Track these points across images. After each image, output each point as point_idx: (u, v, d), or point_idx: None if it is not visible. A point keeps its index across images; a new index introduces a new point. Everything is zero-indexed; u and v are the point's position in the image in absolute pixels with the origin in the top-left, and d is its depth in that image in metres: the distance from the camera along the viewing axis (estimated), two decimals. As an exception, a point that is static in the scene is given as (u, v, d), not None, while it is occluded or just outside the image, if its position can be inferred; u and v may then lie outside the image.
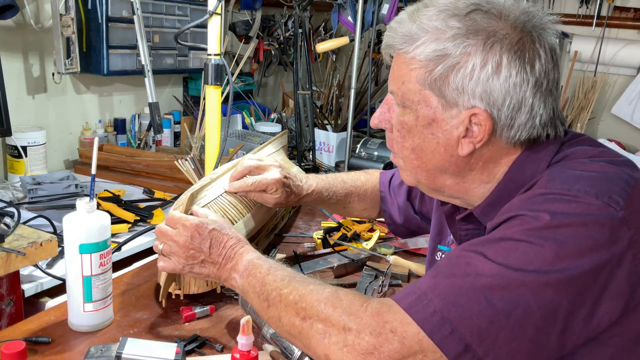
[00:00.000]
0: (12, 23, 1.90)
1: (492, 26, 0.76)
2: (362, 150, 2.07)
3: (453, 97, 0.78)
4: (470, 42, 0.76)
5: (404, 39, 0.81)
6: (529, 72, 0.76)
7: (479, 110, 0.77)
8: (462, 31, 0.76)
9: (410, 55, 0.80)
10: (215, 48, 1.52)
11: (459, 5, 0.78)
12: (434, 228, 1.13)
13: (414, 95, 0.81)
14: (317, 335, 0.75)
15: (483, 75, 0.76)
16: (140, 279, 1.22)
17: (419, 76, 0.79)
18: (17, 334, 0.97)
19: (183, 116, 2.50)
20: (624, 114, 2.81)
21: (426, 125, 0.82)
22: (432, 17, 0.79)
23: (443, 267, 0.74)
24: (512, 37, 0.76)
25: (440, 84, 0.78)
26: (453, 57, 0.77)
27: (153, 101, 2.03)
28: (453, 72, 0.77)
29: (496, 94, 0.76)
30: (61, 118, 2.14)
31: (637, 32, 2.79)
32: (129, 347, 0.88)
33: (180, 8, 2.29)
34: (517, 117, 0.78)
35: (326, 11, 2.99)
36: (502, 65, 0.76)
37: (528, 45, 0.76)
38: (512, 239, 0.70)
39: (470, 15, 0.77)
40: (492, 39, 0.76)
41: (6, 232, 1.21)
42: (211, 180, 1.24)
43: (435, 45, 0.77)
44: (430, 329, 0.68)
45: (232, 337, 1.02)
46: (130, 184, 1.96)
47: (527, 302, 0.67)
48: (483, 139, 0.79)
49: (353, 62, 2.08)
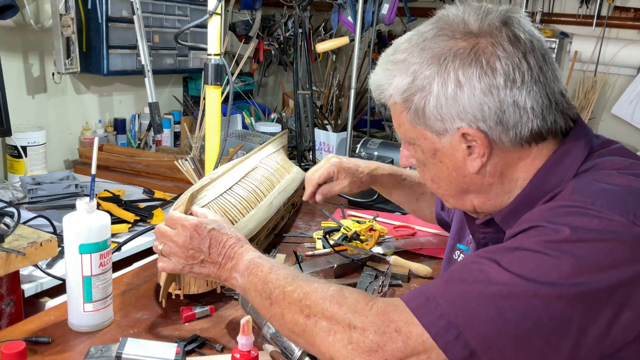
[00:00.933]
0: (12, 23, 1.90)
1: (440, 47, 0.77)
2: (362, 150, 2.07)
3: (438, 126, 0.79)
4: (428, 72, 0.77)
5: (379, 89, 0.84)
6: (491, 75, 0.75)
7: (466, 129, 0.78)
8: (420, 64, 0.78)
9: (391, 101, 0.83)
10: (215, 48, 1.52)
11: (414, 39, 0.81)
12: (455, 226, 1.14)
13: (412, 134, 0.84)
14: (321, 332, 0.75)
15: (450, 96, 0.76)
16: (140, 279, 1.22)
17: (407, 117, 0.82)
18: (17, 334, 0.97)
19: (183, 116, 2.50)
20: (624, 114, 2.81)
21: (433, 156, 0.84)
22: (395, 60, 0.82)
23: (455, 272, 0.74)
24: (463, 49, 0.76)
25: (423, 118, 0.80)
26: (419, 90, 0.78)
27: (153, 101, 2.03)
28: (425, 103, 0.78)
29: (470, 109, 0.76)
30: (61, 118, 2.14)
31: (637, 32, 2.79)
32: (129, 347, 0.87)
33: (180, 8, 2.29)
34: (506, 120, 0.76)
35: (326, 11, 2.99)
36: (460, 81, 0.76)
37: (483, 50, 0.75)
38: (529, 249, 0.69)
39: (423, 44, 0.79)
40: (444, 60, 0.76)
41: (6, 232, 1.21)
42: (211, 180, 1.24)
43: (403, 84, 0.80)
44: (436, 332, 0.68)
45: (232, 337, 1.02)
46: (130, 184, 1.96)
47: (538, 313, 0.66)
48: (485, 152, 0.79)
49: (353, 62, 2.08)
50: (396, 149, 2.01)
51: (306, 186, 1.31)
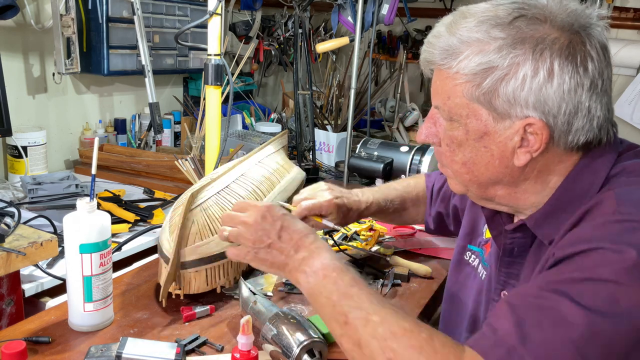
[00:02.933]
0: (12, 23, 1.90)
1: (538, 32, 0.73)
2: (362, 150, 2.07)
3: (504, 109, 0.75)
4: (518, 52, 0.73)
5: (445, 53, 0.78)
6: (582, 74, 0.73)
7: (534, 120, 0.74)
8: (508, 41, 0.73)
9: (454, 70, 0.77)
10: (215, 48, 1.52)
11: (500, 13, 0.75)
12: (466, 227, 1.10)
13: (461, 110, 0.78)
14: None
15: (535, 84, 0.73)
16: (140, 279, 1.22)
17: (466, 90, 0.77)
18: (18, 334, 0.97)
19: (183, 116, 2.50)
20: (624, 114, 2.81)
21: (478, 139, 0.79)
22: (472, 28, 0.76)
23: (523, 310, 0.68)
24: (561, 40, 0.73)
25: (490, 97, 0.75)
26: (501, 69, 0.74)
27: (153, 101, 2.03)
28: (502, 83, 0.74)
29: (551, 102, 0.73)
30: (61, 118, 2.14)
31: (637, 32, 2.79)
32: (129, 346, 0.88)
33: (180, 8, 2.29)
34: (575, 122, 0.75)
35: (326, 11, 2.99)
36: (554, 72, 0.73)
37: (579, 47, 0.73)
38: (599, 280, 0.65)
39: (514, 23, 0.74)
40: (541, 46, 0.73)
41: (6, 232, 1.21)
42: (211, 180, 1.24)
43: (480, 58, 0.74)
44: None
45: (232, 336, 1.02)
46: (130, 184, 1.97)
47: (620, 350, 0.63)
48: (540, 148, 0.76)
49: (353, 62, 2.08)
50: (396, 149, 2.01)
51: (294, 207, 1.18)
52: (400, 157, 1.97)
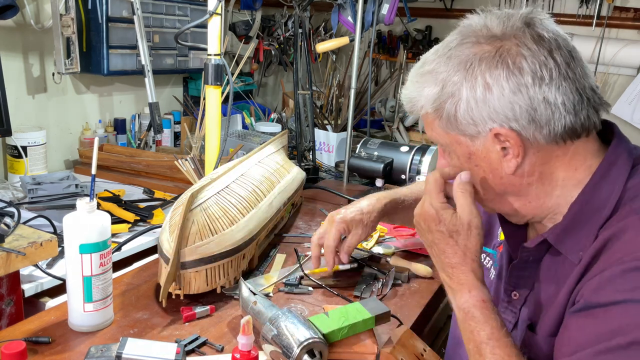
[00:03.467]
0: (12, 23, 1.90)
1: (466, 53, 0.79)
2: (362, 150, 2.07)
3: (472, 129, 0.80)
4: (455, 78, 0.79)
5: (411, 102, 0.86)
6: (518, 74, 0.76)
7: (499, 129, 0.78)
8: (447, 72, 0.80)
9: (423, 111, 0.85)
10: (215, 48, 1.52)
11: (440, 51, 0.83)
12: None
13: (445, 140, 0.85)
14: None
15: (479, 99, 0.78)
16: (140, 279, 1.22)
17: (438, 124, 0.84)
18: (17, 334, 0.97)
19: (183, 116, 2.50)
20: (624, 114, 2.81)
21: (468, 160, 0.85)
22: (424, 72, 0.84)
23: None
24: (489, 52, 0.78)
25: (455, 123, 0.81)
26: (449, 96, 0.80)
27: (153, 101, 2.03)
28: (457, 109, 0.80)
29: (501, 110, 0.77)
30: (61, 118, 2.14)
31: (637, 32, 2.79)
32: (129, 347, 0.88)
33: (180, 8, 2.29)
34: (538, 117, 0.77)
35: (326, 11, 2.99)
36: (489, 83, 0.77)
37: (507, 51, 0.77)
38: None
39: (450, 53, 0.81)
40: (470, 65, 0.78)
41: (6, 232, 1.21)
42: (211, 180, 1.24)
43: (433, 94, 0.82)
44: None
45: (233, 337, 1.02)
46: (130, 184, 1.96)
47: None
48: (520, 152, 0.79)
49: (353, 62, 2.08)
50: (396, 149, 2.01)
51: (326, 255, 1.24)
52: (401, 157, 1.97)
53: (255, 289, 1.07)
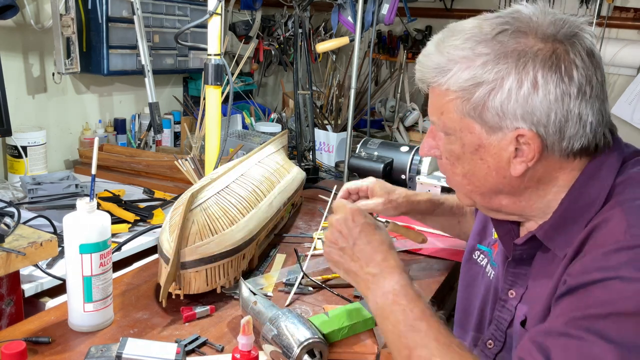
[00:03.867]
0: (12, 23, 1.90)
1: (521, 45, 0.75)
2: (362, 150, 2.07)
3: (495, 122, 0.77)
4: (502, 66, 0.75)
5: (435, 72, 0.80)
6: (568, 83, 0.74)
7: (525, 131, 0.76)
8: (492, 56, 0.75)
9: (445, 87, 0.80)
10: (215, 48, 1.52)
11: (485, 29, 0.77)
12: (476, 227, 1.12)
13: (455, 124, 0.81)
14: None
15: (521, 96, 0.75)
16: (140, 279, 1.22)
17: (457, 106, 0.79)
18: (17, 334, 0.97)
19: (183, 116, 2.50)
20: (624, 114, 2.81)
21: (474, 152, 0.81)
22: (459, 46, 0.78)
23: (552, 349, 0.68)
24: (544, 51, 0.75)
25: (480, 111, 0.78)
26: (487, 83, 0.76)
27: (153, 101, 2.03)
28: (490, 97, 0.76)
29: (539, 112, 0.75)
30: (61, 118, 2.14)
31: (637, 32, 2.79)
32: (129, 347, 0.87)
33: (180, 8, 2.29)
34: (566, 130, 0.76)
35: (326, 11, 2.99)
36: (538, 83, 0.74)
37: (563, 56, 0.75)
38: (624, 313, 0.67)
39: (497, 37, 0.76)
40: (524, 59, 0.74)
41: (6, 232, 1.21)
42: (211, 180, 1.24)
43: (467, 74, 0.77)
44: None
45: (233, 337, 1.02)
46: (130, 184, 1.96)
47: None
48: (534, 157, 0.78)
49: (353, 62, 2.08)
50: (396, 149, 2.01)
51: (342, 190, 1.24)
52: (401, 157, 1.97)
53: (255, 289, 1.07)
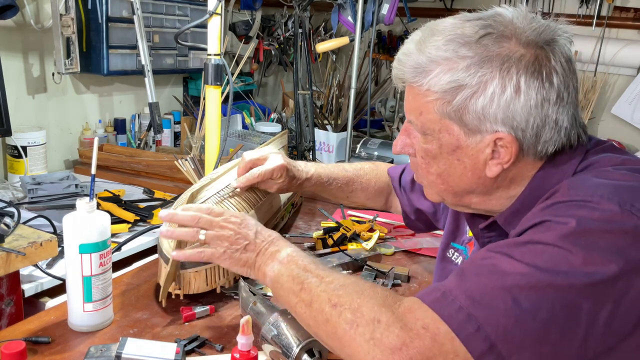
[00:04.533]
0: (12, 23, 1.90)
1: (504, 50, 0.75)
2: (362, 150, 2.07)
3: (475, 124, 0.78)
4: (486, 70, 0.75)
5: (415, 71, 0.80)
6: (548, 89, 0.75)
7: (504, 135, 0.77)
8: (476, 60, 0.75)
9: (425, 87, 0.79)
10: (215, 48, 1.52)
11: (467, 31, 0.77)
12: (449, 225, 1.12)
13: (434, 125, 0.81)
14: (344, 324, 0.73)
15: (503, 100, 0.75)
16: (140, 279, 1.22)
17: (437, 107, 0.79)
18: (17, 334, 0.97)
19: (183, 116, 2.50)
20: (624, 114, 2.81)
21: (451, 152, 0.82)
22: (440, 47, 0.77)
23: (468, 268, 0.73)
24: (527, 57, 0.75)
25: (461, 113, 0.78)
26: (470, 86, 0.76)
27: (153, 101, 2.03)
28: (472, 101, 0.76)
29: (519, 117, 0.76)
30: (61, 118, 2.14)
31: (637, 32, 2.79)
32: (129, 347, 0.87)
33: (180, 8, 2.29)
34: (543, 134, 0.77)
35: (326, 11, 2.99)
36: (521, 88, 0.75)
37: (544, 62, 0.75)
38: (540, 242, 0.70)
39: (481, 41, 0.76)
40: (507, 64, 0.75)
41: (6, 232, 1.21)
42: (211, 180, 1.24)
43: (449, 76, 0.77)
44: (457, 325, 0.66)
45: (232, 337, 1.02)
46: (130, 184, 1.96)
47: (552, 303, 0.66)
48: (510, 160, 0.79)
49: (353, 62, 2.08)
50: (396, 149, 2.01)
51: (241, 164, 1.25)
52: (400, 157, 1.97)
53: (255, 289, 1.07)
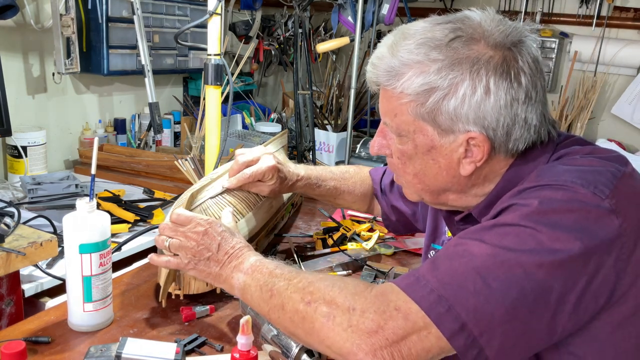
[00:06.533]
0: (12, 23, 1.90)
1: (473, 52, 0.78)
2: (362, 150, 2.07)
3: (448, 125, 0.80)
4: (457, 73, 0.77)
5: (388, 75, 0.82)
6: (516, 89, 0.78)
7: (475, 134, 0.80)
8: (446, 63, 0.78)
9: (399, 90, 0.81)
10: (215, 48, 1.52)
11: (437, 35, 0.79)
12: (429, 227, 1.15)
13: (408, 126, 0.83)
14: (320, 318, 0.74)
15: (474, 101, 0.78)
16: (140, 279, 1.22)
17: (411, 109, 0.81)
18: (17, 334, 0.97)
19: (183, 116, 2.50)
20: (624, 114, 2.81)
21: (426, 152, 0.84)
22: (412, 50, 0.80)
23: (440, 254, 0.76)
24: (495, 59, 0.78)
25: (434, 115, 0.80)
26: (442, 89, 0.78)
27: (153, 101, 2.03)
28: (444, 102, 0.79)
29: (489, 117, 0.78)
30: (61, 118, 2.14)
31: (637, 32, 2.79)
32: (129, 346, 0.88)
33: (180, 8, 2.29)
34: (513, 133, 0.80)
35: (326, 11, 2.99)
36: (490, 89, 0.77)
37: (512, 63, 0.78)
38: (505, 224, 0.73)
39: (451, 44, 0.78)
40: (477, 66, 0.77)
41: (6, 232, 1.21)
42: (211, 180, 1.24)
43: (421, 79, 0.79)
44: (428, 306, 0.69)
45: (232, 337, 1.02)
46: (130, 184, 1.97)
47: (521, 282, 0.68)
48: (483, 158, 0.82)
49: (353, 62, 2.08)
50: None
51: (234, 166, 1.23)
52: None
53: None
